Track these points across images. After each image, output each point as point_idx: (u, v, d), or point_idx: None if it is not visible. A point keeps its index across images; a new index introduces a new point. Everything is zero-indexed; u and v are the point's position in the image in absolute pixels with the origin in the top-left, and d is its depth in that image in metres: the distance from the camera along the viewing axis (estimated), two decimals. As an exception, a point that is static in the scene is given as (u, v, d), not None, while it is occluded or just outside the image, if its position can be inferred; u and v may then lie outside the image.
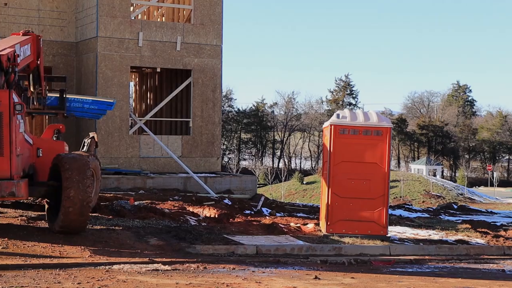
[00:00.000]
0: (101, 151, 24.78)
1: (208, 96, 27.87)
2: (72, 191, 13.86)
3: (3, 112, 12.70)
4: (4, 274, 11.04)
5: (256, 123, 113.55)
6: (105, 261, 12.54)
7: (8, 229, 14.53)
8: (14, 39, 15.62)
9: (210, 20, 27.72)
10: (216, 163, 28.17)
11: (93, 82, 25.85)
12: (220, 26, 27.95)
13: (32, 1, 27.03)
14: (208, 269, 12.57)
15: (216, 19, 27.84)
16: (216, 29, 27.84)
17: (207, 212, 19.90)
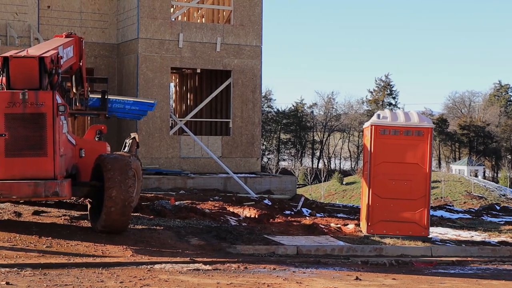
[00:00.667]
0: (142, 151, 24.99)
1: (248, 96, 27.92)
2: (114, 191, 14.00)
3: (47, 113, 12.89)
4: (49, 273, 11.21)
5: (295, 123, 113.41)
6: (147, 261, 12.65)
7: (52, 228, 14.74)
8: (57, 41, 15.85)
9: (249, 20, 27.77)
10: (256, 163, 28.21)
11: (134, 83, 26.07)
12: (259, 27, 27.98)
13: (74, 4, 27.36)
14: (248, 269, 12.60)
15: (255, 20, 27.88)
16: (256, 29, 27.88)
17: (247, 213, 19.94)
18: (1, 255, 12.24)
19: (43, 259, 12.22)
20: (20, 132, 12.80)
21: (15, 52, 13.39)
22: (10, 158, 12.76)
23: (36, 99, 12.79)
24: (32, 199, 14.57)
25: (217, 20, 29.50)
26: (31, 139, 12.86)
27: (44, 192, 12.86)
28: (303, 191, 69.38)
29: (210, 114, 29.94)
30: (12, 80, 12.86)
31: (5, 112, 12.73)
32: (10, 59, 12.84)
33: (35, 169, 12.84)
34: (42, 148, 12.86)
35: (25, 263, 11.77)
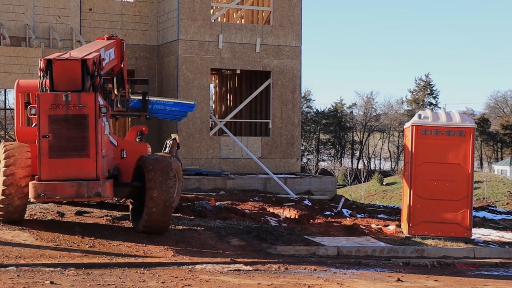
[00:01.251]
0: (182, 152, 25.14)
1: (288, 97, 27.90)
2: (155, 192, 14.11)
3: (89, 115, 13.03)
4: (92, 272, 11.34)
5: (335, 123, 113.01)
6: (188, 261, 12.73)
7: (94, 229, 14.90)
8: (99, 44, 16.01)
9: (289, 21, 27.75)
10: (295, 164, 28.17)
11: (174, 84, 26.23)
12: (299, 27, 27.95)
13: (115, 6, 27.63)
14: (289, 270, 12.60)
15: (295, 21, 27.85)
16: (295, 30, 27.85)
17: (287, 213, 19.93)
18: (45, 255, 12.41)
19: (86, 259, 12.36)
20: (63, 133, 12.96)
21: (58, 55, 13.56)
22: (53, 159, 12.93)
23: (78, 101, 12.93)
24: (75, 200, 14.72)
25: (257, 21, 29.54)
26: (74, 140, 13.00)
27: (87, 193, 12.99)
28: (343, 192, 69.11)
29: (250, 114, 29.99)
30: (56, 82, 13.02)
31: (49, 113, 12.89)
32: (54, 62, 13.00)
33: (78, 170, 12.99)
34: (84, 149, 13.00)
35: (68, 262, 11.92)
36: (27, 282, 10.28)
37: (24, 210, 14.60)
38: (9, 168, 13.82)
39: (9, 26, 24.13)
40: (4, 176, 13.79)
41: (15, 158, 13.94)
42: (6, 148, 14.19)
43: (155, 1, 28.01)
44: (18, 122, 15.69)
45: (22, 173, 13.87)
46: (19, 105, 15.70)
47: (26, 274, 10.93)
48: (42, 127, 12.90)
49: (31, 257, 12.19)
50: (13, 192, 13.82)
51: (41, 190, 12.89)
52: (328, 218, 19.84)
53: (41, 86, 13.16)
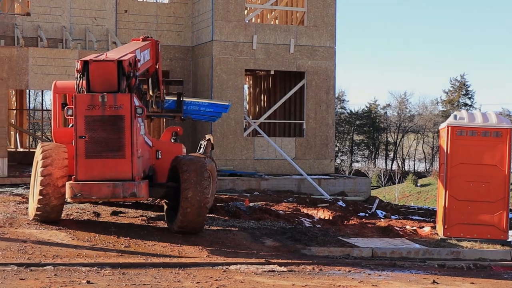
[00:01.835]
0: (216, 153, 25.22)
1: (322, 98, 27.84)
2: (190, 192, 14.18)
3: (125, 115, 13.13)
4: (127, 272, 11.44)
5: (368, 124, 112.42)
6: (222, 261, 12.77)
7: (129, 229, 15.02)
8: (135, 45, 16.13)
9: (323, 22, 27.70)
10: (329, 165, 28.10)
11: (209, 85, 26.33)
12: (333, 28, 27.88)
13: (150, 8, 27.83)
14: (323, 271, 12.58)
15: (329, 21, 27.79)
16: (330, 30, 27.78)
17: (321, 214, 19.90)
18: (82, 254, 12.55)
19: (122, 258, 12.47)
20: (99, 134, 13.07)
21: (95, 56, 13.69)
22: (90, 159, 13.06)
23: (114, 102, 13.04)
24: (110, 200, 14.85)
25: (291, 21, 29.53)
26: (110, 141, 13.12)
27: (123, 193, 13.09)
28: (377, 193, 68.74)
29: (284, 115, 29.98)
30: (92, 83, 13.15)
31: (85, 114, 13.02)
32: (90, 63, 13.13)
33: (113, 171, 13.10)
34: (120, 150, 13.10)
35: (104, 262, 12.04)
36: (64, 281, 10.41)
37: (61, 210, 14.76)
38: (46, 168, 13.99)
39: (46, 28, 24.42)
40: (41, 177, 13.96)
41: (52, 159, 14.11)
42: (43, 149, 14.37)
43: (189, 2, 28.15)
44: (55, 123, 15.86)
45: (59, 174, 14.03)
46: (56, 106, 15.87)
47: (63, 273, 11.07)
48: (78, 128, 13.04)
49: (68, 256, 12.33)
50: (50, 192, 13.98)
51: (77, 190, 13.03)
52: (362, 219, 19.76)
53: (78, 87, 13.29)
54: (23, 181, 21.51)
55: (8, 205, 17.04)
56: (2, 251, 12.34)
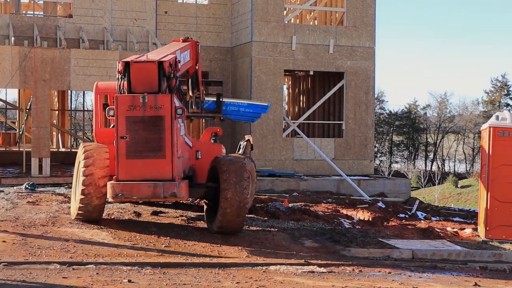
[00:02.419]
0: (255, 153, 25.26)
1: (361, 98, 27.72)
2: (229, 193, 14.23)
3: (165, 116, 13.21)
4: (168, 272, 11.52)
5: (408, 125, 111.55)
6: (262, 262, 12.79)
7: (169, 229, 15.12)
8: (175, 46, 16.23)
9: (362, 22, 27.57)
10: (369, 165, 27.96)
11: (248, 85, 26.38)
12: (372, 28, 27.73)
13: (190, 9, 27.97)
14: (363, 272, 12.53)
15: (369, 21, 27.66)
16: (369, 31, 27.65)
17: (360, 215, 19.81)
18: (123, 253, 12.67)
19: (162, 258, 12.56)
20: (140, 134, 13.18)
21: (136, 57, 13.80)
22: (130, 159, 13.16)
23: (155, 102, 13.13)
24: (151, 200, 14.97)
25: (330, 22, 29.44)
26: (151, 141, 13.21)
27: (163, 193, 13.18)
28: (416, 194, 68.15)
29: (323, 116, 29.90)
30: (133, 84, 13.25)
31: (126, 115, 13.13)
32: (131, 64, 13.24)
33: (154, 171, 13.19)
34: (161, 150, 13.19)
35: (145, 262, 12.14)
36: (106, 280, 10.52)
37: (103, 210, 14.92)
38: (88, 168, 14.16)
39: (88, 29, 24.70)
40: (83, 176, 14.13)
41: (94, 159, 14.27)
42: (85, 149, 14.55)
43: (229, 3, 28.23)
44: (97, 123, 16.04)
45: (100, 173, 14.18)
46: (98, 106, 16.05)
47: (104, 272, 11.19)
48: (120, 128, 13.15)
49: (109, 255, 12.46)
50: (92, 192, 14.14)
51: (118, 190, 13.15)
52: (402, 220, 19.62)
53: (119, 88, 13.41)
54: (65, 181, 21.78)
55: (51, 204, 17.28)
56: (45, 249, 12.52)
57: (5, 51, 21.98)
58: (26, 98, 33.49)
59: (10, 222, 14.61)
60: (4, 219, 14.89)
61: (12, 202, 17.16)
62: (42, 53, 22.27)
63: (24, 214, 15.63)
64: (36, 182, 20.50)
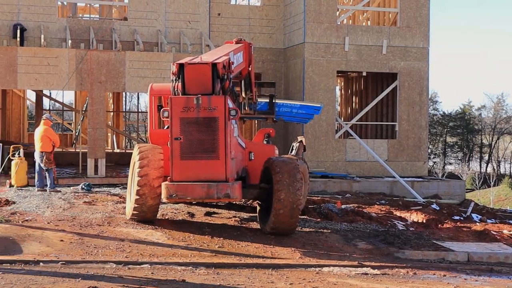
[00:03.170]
0: (308, 154, 25.23)
1: (415, 99, 27.46)
2: (282, 194, 14.24)
3: (219, 117, 13.28)
4: (221, 272, 11.59)
5: (462, 126, 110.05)
6: (315, 263, 12.77)
7: (223, 229, 15.21)
8: (228, 47, 16.32)
9: (416, 22, 27.32)
10: (422, 167, 27.70)
11: (300, 87, 26.38)
12: (426, 28, 27.46)
13: (243, 11, 28.10)
14: (417, 275, 12.42)
15: (422, 21, 27.39)
16: (423, 31, 27.38)
17: (414, 217, 19.62)
18: (177, 253, 12.80)
19: (216, 258, 12.65)
20: (194, 135, 13.28)
21: (190, 59, 13.93)
22: (185, 160, 13.27)
23: (209, 104, 13.22)
24: (204, 201, 15.07)
25: (383, 22, 29.25)
26: (204, 142, 13.30)
27: (216, 194, 13.24)
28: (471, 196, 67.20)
29: (376, 117, 29.72)
30: (187, 86, 13.36)
31: (180, 116, 13.25)
32: (185, 66, 13.35)
33: (208, 172, 13.27)
34: (214, 151, 13.26)
35: (199, 262, 12.24)
36: (161, 280, 10.64)
37: (157, 210, 15.08)
38: (143, 169, 14.33)
39: (142, 32, 25.01)
40: (138, 177, 14.31)
41: (149, 160, 14.44)
42: (140, 150, 14.73)
43: (282, 4, 28.27)
44: (151, 124, 16.22)
45: (155, 174, 14.34)
46: (152, 108, 16.23)
47: (159, 272, 11.32)
48: (174, 130, 13.28)
49: (163, 255, 12.60)
50: (146, 192, 14.31)
51: (173, 191, 13.26)
52: (457, 223, 19.37)
53: (173, 90, 13.53)
54: (120, 181, 22.10)
55: (106, 204, 17.54)
56: (102, 249, 12.73)
57: (62, 54, 22.41)
58: (82, 100, 34.08)
59: (67, 221, 14.89)
60: (62, 218, 15.18)
61: (69, 202, 17.48)
62: (98, 55, 22.64)
63: (81, 214, 15.91)
64: (91, 183, 20.85)
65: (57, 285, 10.02)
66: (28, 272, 10.85)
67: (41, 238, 13.18)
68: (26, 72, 22.14)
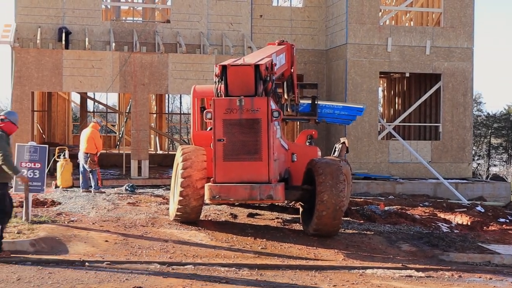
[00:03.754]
0: (350, 156, 25.09)
1: (459, 100, 27.15)
2: (325, 195, 14.21)
3: (262, 119, 13.30)
4: (264, 273, 11.61)
5: (507, 127, 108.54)
6: (359, 265, 12.72)
7: (265, 231, 15.22)
8: (271, 49, 16.33)
9: (460, 22, 27.01)
10: (467, 169, 27.36)
11: (343, 88, 26.27)
12: (471, 28, 27.13)
13: (285, 12, 28.09)
14: (463, 277, 12.28)
15: (467, 21, 27.07)
16: (467, 31, 27.07)
17: (459, 219, 19.40)
18: (220, 254, 12.84)
19: (259, 260, 12.67)
20: (237, 137, 13.31)
21: (233, 61, 13.97)
22: (227, 162, 13.32)
23: (251, 105, 13.24)
24: (247, 202, 15.11)
25: (426, 23, 28.98)
26: (247, 144, 13.33)
27: (259, 195, 13.26)
28: (516, 198, 66.34)
29: (419, 118, 29.45)
30: (230, 87, 13.40)
31: (223, 118, 13.30)
32: (228, 68, 13.40)
33: (250, 173, 13.29)
34: (257, 153, 13.28)
35: (242, 263, 12.27)
36: (204, 281, 10.69)
37: (200, 211, 15.15)
38: (186, 170, 14.42)
39: (185, 34, 25.15)
40: (181, 178, 14.40)
41: (192, 161, 14.52)
42: (183, 152, 14.82)
43: (324, 5, 28.20)
44: (194, 126, 16.29)
45: (198, 176, 14.42)
46: (195, 110, 16.31)
47: (202, 273, 11.37)
48: (217, 131, 13.34)
49: (207, 256, 12.67)
50: (190, 193, 14.40)
51: (216, 192, 13.32)
52: (503, 225, 19.10)
53: (216, 91, 13.59)
54: (163, 183, 22.25)
55: (150, 205, 17.68)
56: (146, 249, 12.84)
57: (106, 56, 22.67)
58: (125, 102, 34.40)
59: (112, 222, 15.05)
60: (106, 219, 15.35)
61: (113, 203, 17.66)
62: (141, 58, 22.85)
63: (125, 214, 16.06)
64: (135, 184, 21.03)
65: (102, 285, 10.14)
66: (74, 271, 10.99)
67: (86, 239, 13.35)
68: (71, 75, 22.44)
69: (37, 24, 23.89)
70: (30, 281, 10.16)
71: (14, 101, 22.20)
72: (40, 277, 10.48)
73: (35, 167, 14.49)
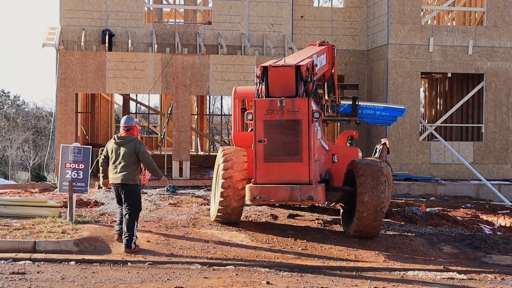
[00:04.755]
0: (391, 157, 24.97)
1: (502, 100, 26.82)
2: (366, 197, 14.18)
3: (303, 120, 13.33)
4: (305, 275, 11.63)
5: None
6: (400, 267, 12.68)
7: (306, 232, 15.25)
8: (311, 50, 16.36)
9: (504, 21, 26.67)
10: (510, 170, 26.99)
11: (384, 89, 26.15)
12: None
13: (325, 13, 28.05)
14: (506, 280, 12.16)
15: (510, 20, 26.71)
16: (510, 30, 26.71)
17: (502, 221, 19.18)
18: (261, 255, 12.90)
19: (299, 261, 12.70)
20: (277, 138, 13.37)
21: (273, 62, 14.03)
22: (268, 163, 13.38)
23: (292, 106, 13.29)
24: (288, 203, 15.14)
25: (469, 22, 28.69)
26: (288, 145, 13.37)
27: (300, 197, 13.30)
28: (562, 200, 65.29)
29: (461, 119, 29.16)
30: (271, 88, 13.46)
31: (264, 119, 13.37)
32: (269, 69, 13.45)
33: (291, 174, 13.33)
34: (298, 154, 13.32)
35: (282, 264, 12.31)
36: (245, 281, 10.77)
37: (241, 212, 15.23)
38: (227, 171, 14.51)
39: (226, 35, 25.28)
40: (222, 179, 14.50)
41: (233, 162, 14.61)
42: (224, 152, 14.92)
43: (364, 6, 28.10)
44: (235, 127, 16.39)
45: (239, 176, 14.50)
46: (236, 111, 16.40)
47: (243, 274, 11.45)
48: (258, 132, 13.40)
49: (247, 257, 12.73)
50: (230, 194, 14.49)
51: (256, 193, 13.40)
52: (547, 227, 18.83)
53: (257, 92, 13.66)
54: (203, 184, 22.39)
55: (191, 206, 17.83)
56: (187, 250, 12.95)
57: (149, 58, 22.90)
58: (167, 103, 34.67)
59: (153, 222, 15.21)
60: (148, 219, 15.52)
61: (155, 204, 17.84)
62: (182, 59, 23.03)
63: (166, 215, 16.22)
64: (176, 185, 21.20)
65: (144, 284, 10.27)
66: (117, 271, 11.15)
67: (129, 239, 13.50)
68: (114, 77, 22.72)
69: (81, 27, 24.23)
70: (74, 280, 10.34)
71: (59, 103, 22.55)
72: (84, 276, 10.66)
73: (79, 168, 14.72)
